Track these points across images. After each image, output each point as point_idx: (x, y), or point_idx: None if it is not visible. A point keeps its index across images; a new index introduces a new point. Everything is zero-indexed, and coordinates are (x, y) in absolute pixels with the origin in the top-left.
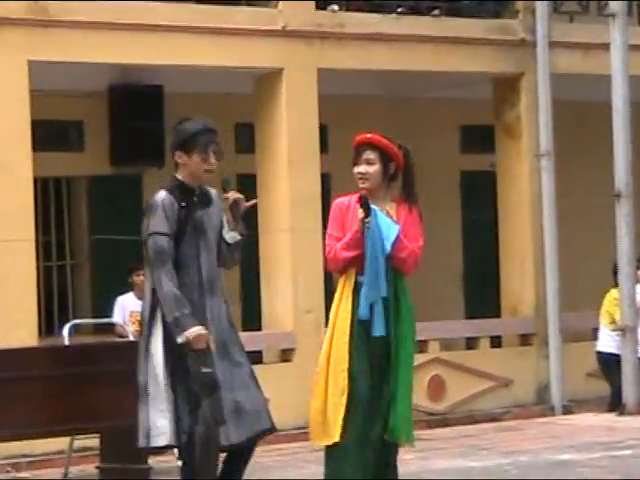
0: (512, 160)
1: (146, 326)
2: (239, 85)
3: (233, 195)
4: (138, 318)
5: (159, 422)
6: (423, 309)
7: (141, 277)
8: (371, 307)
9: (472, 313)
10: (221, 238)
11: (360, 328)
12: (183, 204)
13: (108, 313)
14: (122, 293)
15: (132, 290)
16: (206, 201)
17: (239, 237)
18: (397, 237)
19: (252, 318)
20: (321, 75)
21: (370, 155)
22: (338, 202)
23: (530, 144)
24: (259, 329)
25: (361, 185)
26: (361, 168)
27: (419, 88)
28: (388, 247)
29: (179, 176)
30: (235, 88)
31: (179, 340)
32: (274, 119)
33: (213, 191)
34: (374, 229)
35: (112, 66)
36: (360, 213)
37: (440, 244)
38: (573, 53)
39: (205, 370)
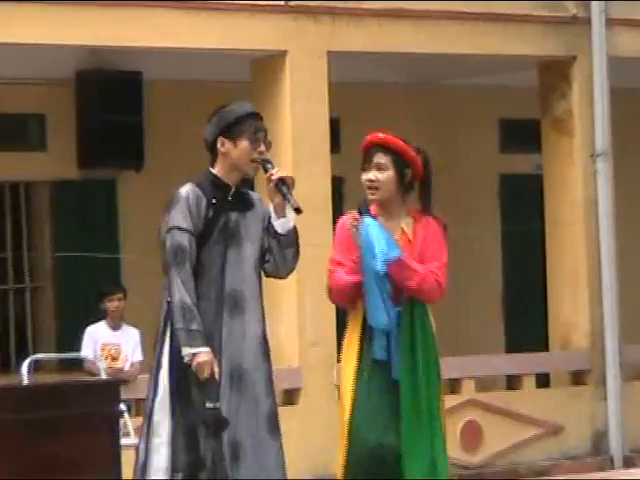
0: (562, 161)
1: (157, 343)
2: (233, 71)
3: (278, 172)
4: (112, 352)
5: (155, 457)
6: (455, 340)
7: (115, 303)
8: (388, 344)
9: (514, 345)
10: (269, 234)
11: (374, 370)
12: (214, 201)
13: (75, 346)
14: (92, 322)
15: (104, 318)
16: (245, 203)
17: (292, 223)
18: (398, 260)
19: None
20: (332, 59)
21: (382, 159)
22: (345, 219)
23: (583, 142)
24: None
25: (371, 196)
26: (370, 174)
27: (450, 74)
28: (380, 267)
29: (214, 170)
30: (228, 75)
31: (185, 358)
32: (275, 112)
33: (255, 195)
34: (362, 245)
35: (80, 48)
36: (351, 223)
37: (475, 262)
38: (635, 33)
39: (209, 405)
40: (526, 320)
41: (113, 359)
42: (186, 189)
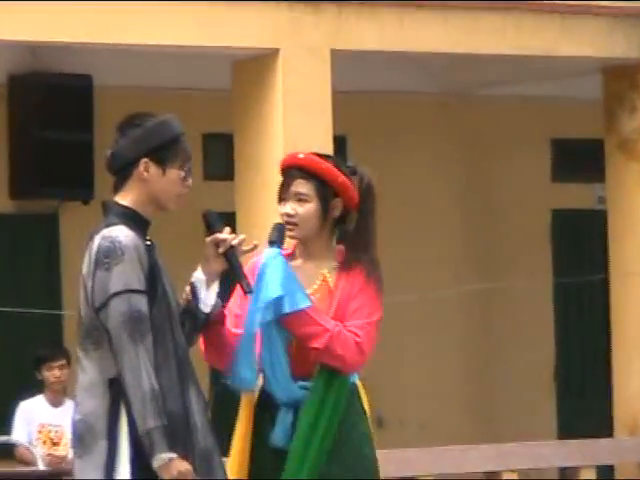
0: (630, 192)
1: (104, 444)
2: (210, 76)
3: (231, 236)
4: (51, 435)
5: None
6: (492, 424)
7: (56, 372)
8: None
9: (569, 430)
10: (189, 306)
11: (272, 462)
12: (148, 242)
13: (5, 427)
14: (27, 397)
15: (42, 392)
16: (152, 246)
17: (221, 304)
18: (298, 312)
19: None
20: (337, 61)
21: (302, 187)
22: (249, 264)
23: None
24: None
25: (289, 233)
26: (288, 207)
27: (489, 82)
28: (261, 315)
29: (126, 201)
30: (204, 81)
31: (154, 464)
32: (263, 129)
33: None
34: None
35: (14, 45)
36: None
37: (519, 323)
38: None
39: None
40: (584, 397)
41: (53, 444)
42: (127, 235)
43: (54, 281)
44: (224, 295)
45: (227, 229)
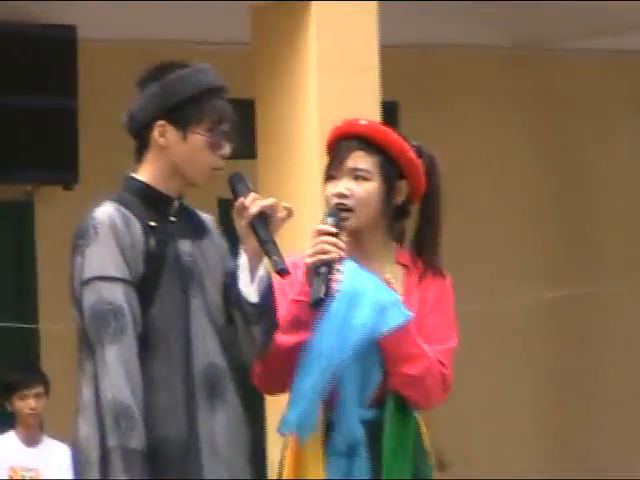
0: None
1: (97, 476)
2: (221, 27)
3: (255, 200)
4: (26, 478)
5: None
6: (581, 461)
7: (30, 402)
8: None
9: None
10: (230, 298)
11: None
12: (152, 224)
13: None
14: None
15: (13, 427)
16: (195, 226)
17: (268, 282)
18: (402, 327)
19: None
20: (384, 9)
21: (363, 162)
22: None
23: None
24: None
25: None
26: (341, 186)
27: (570, 33)
28: (355, 338)
29: (142, 176)
30: (214, 32)
31: None
32: (290, 92)
33: (206, 215)
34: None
35: None
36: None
37: (613, 334)
38: None
39: None
40: None
41: None
42: (105, 211)
43: (28, 286)
44: None
45: (252, 195)
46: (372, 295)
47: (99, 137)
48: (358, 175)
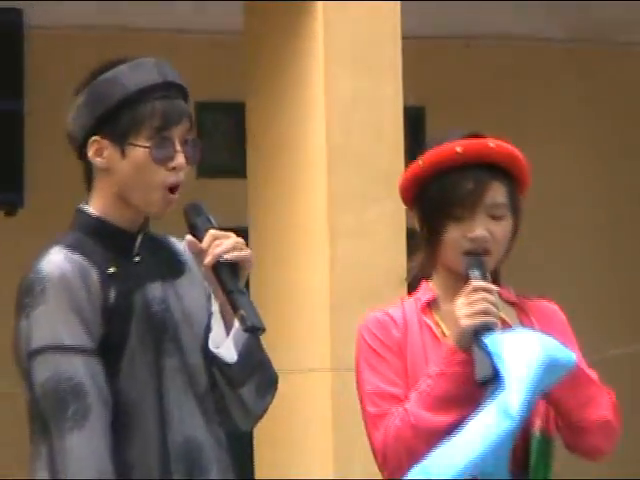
0: None
1: None
2: (210, 15)
3: (214, 242)
4: None
5: None
6: None
7: None
8: None
9: None
10: (208, 356)
11: None
12: (111, 270)
13: None
14: None
15: None
16: (169, 262)
17: (245, 347)
18: (573, 369)
19: None
20: None
21: (500, 196)
22: (377, 318)
23: None
24: None
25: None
26: (479, 228)
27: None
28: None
29: (93, 208)
30: (201, 20)
31: None
32: (296, 97)
33: (178, 243)
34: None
35: None
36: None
37: None
38: None
39: None
40: None
41: None
42: (53, 261)
43: None
44: None
45: (210, 232)
46: (536, 348)
47: (50, 150)
48: (497, 212)
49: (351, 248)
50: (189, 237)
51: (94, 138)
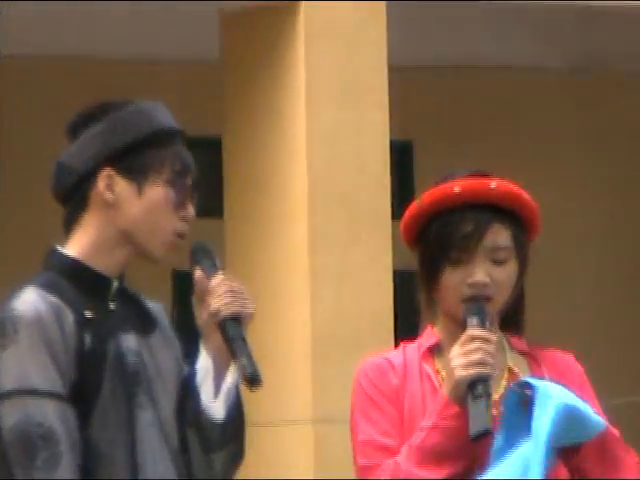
0: None
1: None
2: (183, 40)
3: (224, 289)
4: None
5: None
6: None
7: None
8: None
9: None
10: (187, 415)
11: None
12: (88, 314)
13: None
14: None
15: None
16: (142, 317)
17: (236, 396)
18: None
19: None
20: (394, 16)
21: (502, 238)
22: (375, 363)
23: None
24: None
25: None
26: (479, 273)
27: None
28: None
29: (71, 249)
30: (172, 47)
31: None
32: (275, 127)
33: (154, 304)
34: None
35: None
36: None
37: None
38: None
39: None
40: None
41: None
42: (27, 300)
43: None
44: None
45: (219, 277)
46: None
47: (20, 184)
48: (499, 256)
49: (333, 292)
50: (199, 272)
51: (107, 171)
